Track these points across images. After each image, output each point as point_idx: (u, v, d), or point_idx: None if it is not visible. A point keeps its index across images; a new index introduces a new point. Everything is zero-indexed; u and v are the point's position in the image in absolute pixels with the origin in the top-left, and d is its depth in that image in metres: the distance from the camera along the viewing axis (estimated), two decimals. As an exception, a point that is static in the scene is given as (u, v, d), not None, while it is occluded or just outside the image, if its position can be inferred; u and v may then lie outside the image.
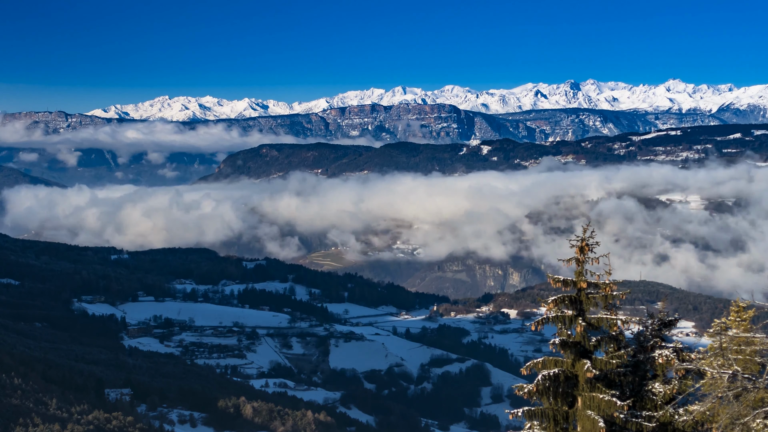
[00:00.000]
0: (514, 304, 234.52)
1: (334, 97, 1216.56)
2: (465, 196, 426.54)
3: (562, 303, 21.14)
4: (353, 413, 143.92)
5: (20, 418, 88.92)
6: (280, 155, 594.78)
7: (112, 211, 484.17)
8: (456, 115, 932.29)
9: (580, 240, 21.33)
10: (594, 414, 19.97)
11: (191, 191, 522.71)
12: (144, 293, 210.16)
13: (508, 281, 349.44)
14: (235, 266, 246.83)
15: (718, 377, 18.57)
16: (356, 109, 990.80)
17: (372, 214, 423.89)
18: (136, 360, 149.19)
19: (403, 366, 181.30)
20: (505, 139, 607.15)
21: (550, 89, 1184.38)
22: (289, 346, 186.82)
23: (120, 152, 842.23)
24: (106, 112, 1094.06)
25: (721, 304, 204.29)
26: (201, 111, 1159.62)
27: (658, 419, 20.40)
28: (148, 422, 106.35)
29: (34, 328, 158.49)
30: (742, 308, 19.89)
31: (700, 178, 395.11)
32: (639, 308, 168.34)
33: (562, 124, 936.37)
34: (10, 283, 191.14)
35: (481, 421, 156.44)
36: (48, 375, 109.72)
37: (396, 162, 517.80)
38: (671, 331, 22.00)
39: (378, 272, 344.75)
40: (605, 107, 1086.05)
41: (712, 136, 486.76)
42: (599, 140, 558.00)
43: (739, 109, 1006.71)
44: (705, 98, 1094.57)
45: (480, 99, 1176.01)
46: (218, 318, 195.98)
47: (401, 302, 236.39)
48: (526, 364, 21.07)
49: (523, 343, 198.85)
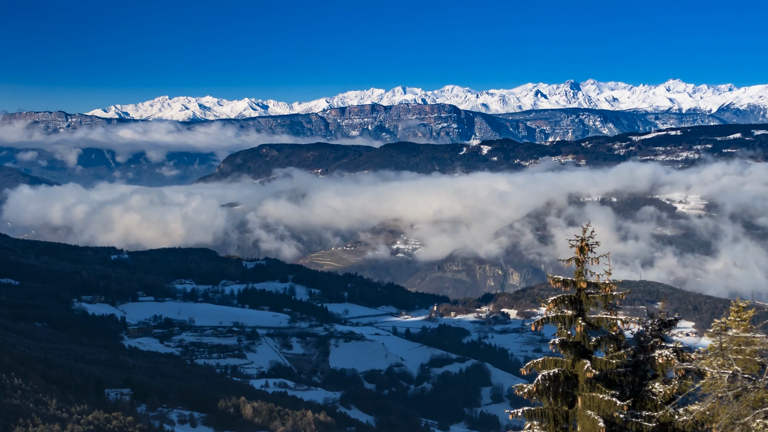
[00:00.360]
0: (514, 304, 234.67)
1: (334, 97, 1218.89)
2: (465, 196, 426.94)
3: (562, 303, 21.14)
4: (353, 413, 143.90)
5: (20, 418, 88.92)
6: (280, 155, 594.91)
7: (112, 211, 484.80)
8: (456, 115, 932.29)
9: (579, 240, 21.34)
10: (594, 414, 19.97)
11: (191, 191, 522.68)
12: (144, 293, 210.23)
13: (508, 281, 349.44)
14: (235, 266, 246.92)
15: (718, 377, 18.57)
16: (356, 109, 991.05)
17: (372, 214, 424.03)
18: (136, 360, 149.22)
19: (403, 366, 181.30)
20: (505, 139, 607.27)
21: (550, 89, 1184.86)
22: (289, 346, 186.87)
23: (120, 152, 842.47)
24: (106, 112, 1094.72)
25: (721, 304, 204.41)
26: (201, 111, 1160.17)
27: (658, 419, 20.40)
28: (148, 422, 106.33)
29: (34, 328, 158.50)
30: (742, 308, 19.90)
31: (700, 178, 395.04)
32: (639, 308, 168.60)
33: (562, 124, 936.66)
34: (10, 283, 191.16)
35: (481, 421, 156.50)
36: (48, 375, 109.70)
37: (396, 162, 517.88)
38: (671, 331, 21.99)
39: (378, 272, 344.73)
40: (605, 107, 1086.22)
41: (712, 136, 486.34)
42: (599, 140, 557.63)
43: (739, 109, 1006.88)
44: (705, 98, 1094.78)
45: (480, 99, 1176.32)
46: (218, 318, 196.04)
47: (401, 302, 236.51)
48: (525, 364, 21.07)
49: (523, 343, 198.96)
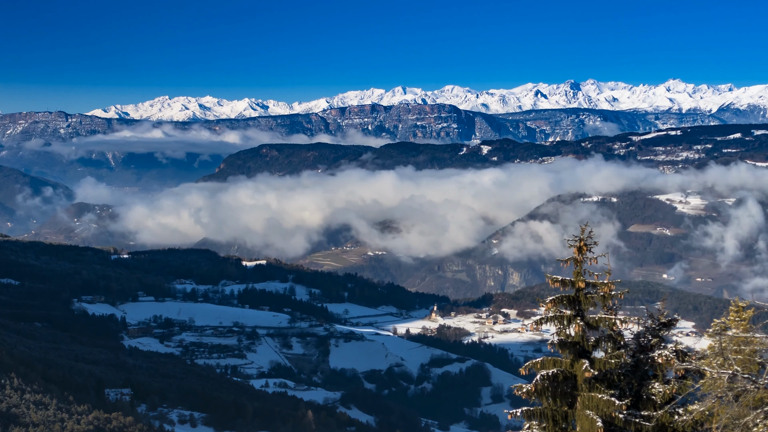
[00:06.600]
0: (514, 304, 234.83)
1: (334, 97, 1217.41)
2: (465, 197, 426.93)
3: (561, 303, 21.10)
4: (353, 413, 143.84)
5: (20, 418, 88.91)
6: (280, 155, 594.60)
7: (112, 211, 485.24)
8: (456, 115, 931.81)
9: (578, 240, 21.30)
10: (593, 414, 19.92)
11: (191, 191, 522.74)
12: (144, 293, 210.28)
13: (508, 281, 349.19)
14: (235, 266, 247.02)
15: (718, 377, 18.52)
16: (356, 109, 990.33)
17: (372, 214, 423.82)
18: (136, 360, 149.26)
19: (403, 366, 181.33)
20: (505, 139, 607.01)
21: (550, 89, 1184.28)
22: (289, 346, 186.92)
23: (120, 152, 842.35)
24: (106, 112, 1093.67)
25: (720, 304, 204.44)
26: (201, 111, 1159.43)
27: (658, 419, 20.36)
28: (148, 422, 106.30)
29: (34, 328, 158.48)
30: (742, 308, 19.86)
31: (700, 178, 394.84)
32: (639, 308, 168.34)
33: (562, 124, 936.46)
34: (10, 283, 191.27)
35: (481, 421, 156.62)
36: (48, 375, 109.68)
37: (396, 162, 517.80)
38: (671, 331, 21.95)
39: (378, 272, 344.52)
40: (605, 107, 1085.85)
41: (712, 136, 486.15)
42: (599, 140, 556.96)
43: (739, 109, 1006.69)
44: (705, 98, 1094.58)
45: (480, 99, 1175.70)
46: (218, 318, 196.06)
47: (401, 302, 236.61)
48: (524, 364, 21.05)
49: (523, 343, 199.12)
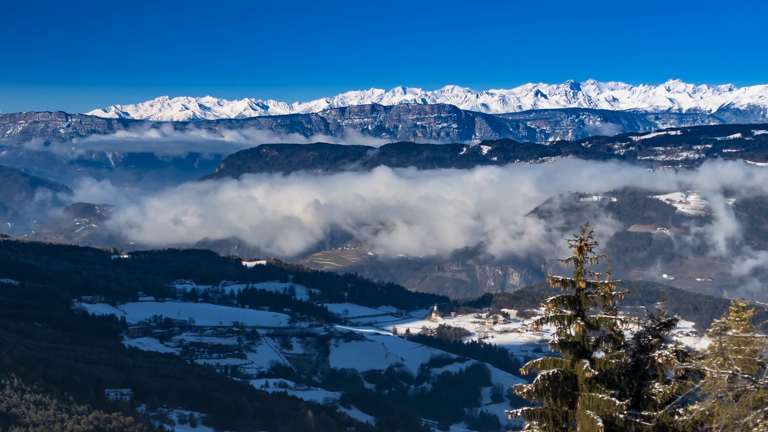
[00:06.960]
0: (514, 304, 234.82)
1: (334, 97, 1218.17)
2: (465, 197, 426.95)
3: (561, 303, 21.11)
4: (353, 413, 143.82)
5: (20, 418, 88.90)
6: (280, 155, 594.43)
7: (112, 211, 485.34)
8: (456, 115, 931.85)
9: (578, 240, 21.32)
10: (593, 414, 19.93)
11: (191, 191, 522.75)
12: (144, 293, 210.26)
13: (508, 281, 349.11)
14: (235, 266, 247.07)
15: (718, 377, 18.53)
16: (356, 109, 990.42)
17: (372, 214, 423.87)
18: (136, 360, 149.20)
19: (403, 366, 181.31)
20: (505, 139, 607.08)
21: (550, 89, 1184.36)
22: (289, 346, 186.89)
23: (120, 152, 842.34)
24: (106, 112, 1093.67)
25: (720, 304, 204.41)
26: (201, 111, 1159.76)
27: (658, 419, 20.37)
28: (148, 422, 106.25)
29: (34, 328, 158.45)
30: (742, 308, 19.87)
31: (700, 178, 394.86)
32: (639, 308, 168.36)
33: (562, 124, 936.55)
34: (10, 283, 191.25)
35: (481, 421, 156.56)
36: (48, 375, 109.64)
37: (396, 162, 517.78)
38: (671, 331, 21.96)
39: (378, 272, 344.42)
40: (605, 107, 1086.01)
41: (712, 136, 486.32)
42: (599, 140, 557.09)
43: (739, 109, 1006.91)
44: (705, 98, 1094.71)
45: (480, 99, 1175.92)
46: (218, 318, 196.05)
47: (401, 302, 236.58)
48: (525, 364, 21.05)
49: (523, 343, 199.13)
